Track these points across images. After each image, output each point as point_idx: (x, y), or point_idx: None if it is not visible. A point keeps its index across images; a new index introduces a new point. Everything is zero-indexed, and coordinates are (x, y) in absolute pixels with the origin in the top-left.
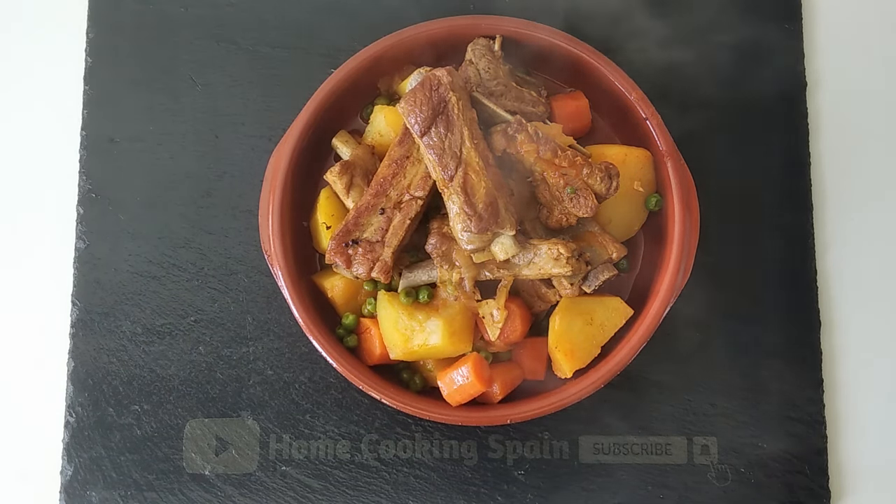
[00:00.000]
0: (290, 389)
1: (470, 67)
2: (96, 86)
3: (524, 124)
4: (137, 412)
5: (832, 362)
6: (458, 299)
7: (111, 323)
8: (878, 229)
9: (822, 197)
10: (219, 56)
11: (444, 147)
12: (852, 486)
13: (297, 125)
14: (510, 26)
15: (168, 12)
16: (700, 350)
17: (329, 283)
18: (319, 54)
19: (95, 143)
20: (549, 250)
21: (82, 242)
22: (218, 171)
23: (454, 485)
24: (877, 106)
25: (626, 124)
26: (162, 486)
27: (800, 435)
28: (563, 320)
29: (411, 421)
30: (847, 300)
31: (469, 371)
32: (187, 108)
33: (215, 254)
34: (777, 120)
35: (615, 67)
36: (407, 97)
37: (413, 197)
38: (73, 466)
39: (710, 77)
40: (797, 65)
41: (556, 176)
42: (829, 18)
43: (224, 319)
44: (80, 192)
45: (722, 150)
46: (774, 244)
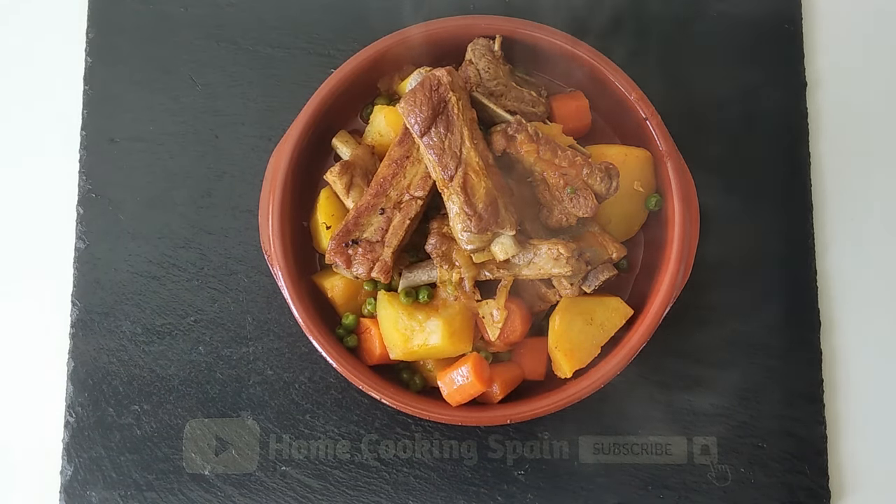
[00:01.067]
0: (290, 389)
1: (470, 67)
2: (96, 86)
3: (524, 124)
4: (137, 412)
5: (832, 362)
6: (458, 299)
7: (111, 323)
8: (878, 229)
9: (822, 197)
10: (219, 56)
11: (444, 147)
12: (852, 486)
13: (297, 125)
14: (510, 26)
15: (168, 12)
16: (700, 350)
17: (329, 283)
18: (319, 54)
19: (95, 143)
20: (549, 250)
21: (82, 242)
22: (218, 171)
23: (454, 485)
24: (877, 106)
25: (626, 124)
26: (162, 486)
27: (800, 435)
28: (563, 320)
29: (411, 421)
30: (847, 300)
31: (469, 371)
32: (187, 108)
33: (215, 254)
34: (777, 120)
35: (615, 67)
36: (407, 97)
37: (413, 197)
38: (73, 466)
39: (710, 78)
40: (797, 65)
41: (556, 176)
42: (829, 18)
43: (224, 319)
44: (80, 192)
45: (722, 150)
46: (774, 244)
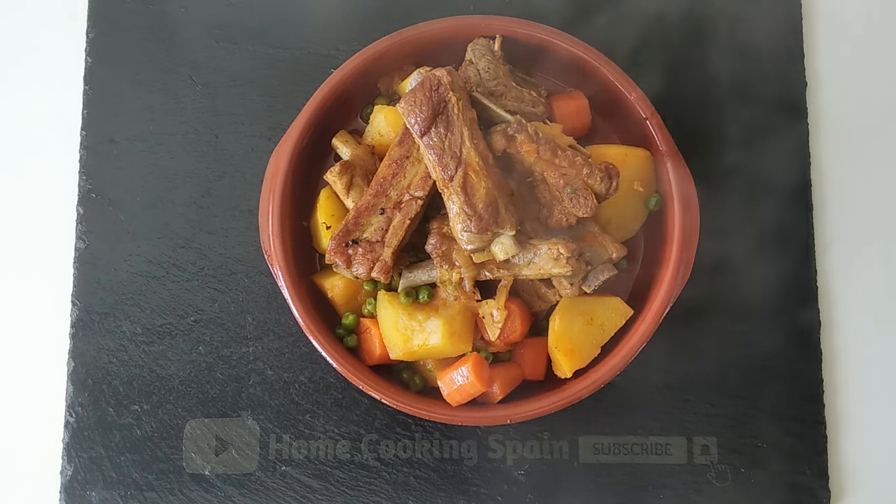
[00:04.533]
0: (290, 389)
1: (470, 67)
2: (96, 86)
3: (524, 124)
4: (137, 412)
5: (832, 362)
6: (458, 299)
7: (111, 323)
8: (878, 229)
9: (822, 197)
10: (219, 56)
11: (444, 147)
12: (852, 486)
13: (297, 125)
14: (510, 26)
15: (168, 12)
16: (700, 350)
17: (329, 283)
18: (319, 54)
19: (95, 143)
20: (549, 250)
21: (82, 242)
22: (218, 171)
23: (454, 485)
24: (877, 106)
25: (626, 124)
26: (162, 486)
27: (800, 435)
28: (563, 320)
29: (411, 421)
30: (847, 300)
31: (469, 371)
32: (187, 108)
33: (215, 254)
34: (777, 120)
35: (615, 67)
36: (407, 97)
37: (413, 197)
38: (73, 466)
39: (710, 78)
40: (797, 65)
41: (556, 176)
42: (829, 18)
43: (224, 319)
44: (80, 192)
45: (722, 150)
46: (774, 244)
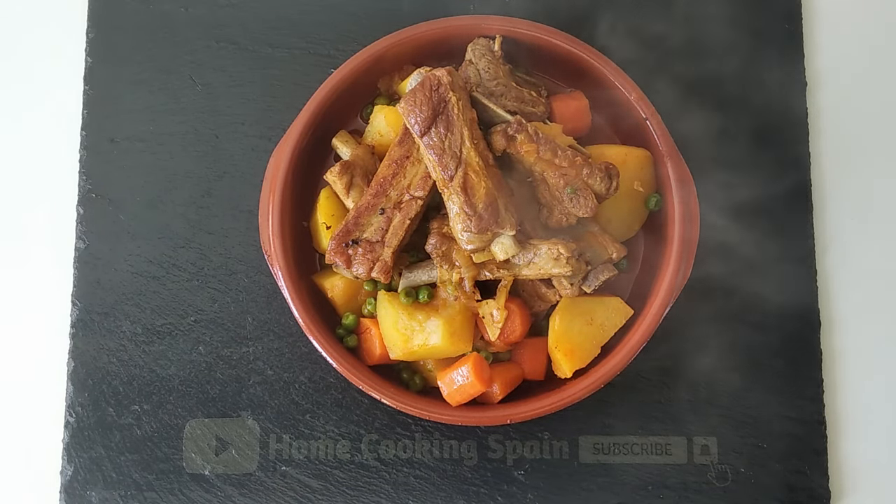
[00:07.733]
0: (290, 389)
1: (470, 67)
2: (96, 86)
3: (524, 124)
4: (137, 412)
5: (832, 362)
6: (458, 299)
7: (111, 323)
8: (878, 229)
9: (822, 197)
10: (219, 56)
11: (444, 147)
12: (852, 486)
13: (297, 125)
14: (510, 26)
15: (168, 12)
16: (700, 350)
17: (329, 283)
18: (319, 54)
19: (95, 143)
20: (549, 250)
21: (82, 242)
22: (218, 171)
23: (454, 485)
24: (877, 106)
25: (626, 124)
26: (162, 486)
27: (800, 435)
28: (563, 320)
29: (411, 421)
30: (847, 300)
31: (469, 371)
32: (187, 108)
33: (215, 254)
34: (777, 120)
35: (615, 67)
36: (407, 97)
37: (413, 197)
38: (73, 466)
39: (710, 78)
40: (797, 65)
41: (556, 176)
42: (829, 18)
43: (224, 319)
44: (80, 192)
45: (722, 150)
46: (774, 244)
